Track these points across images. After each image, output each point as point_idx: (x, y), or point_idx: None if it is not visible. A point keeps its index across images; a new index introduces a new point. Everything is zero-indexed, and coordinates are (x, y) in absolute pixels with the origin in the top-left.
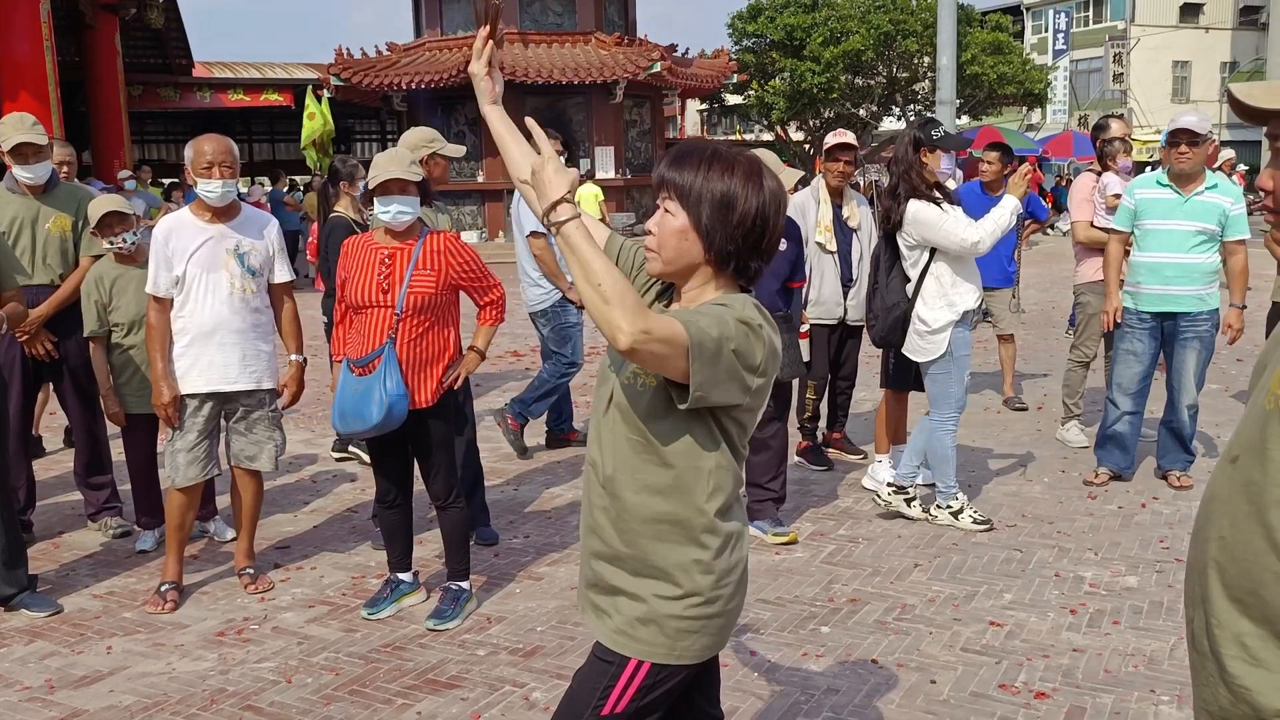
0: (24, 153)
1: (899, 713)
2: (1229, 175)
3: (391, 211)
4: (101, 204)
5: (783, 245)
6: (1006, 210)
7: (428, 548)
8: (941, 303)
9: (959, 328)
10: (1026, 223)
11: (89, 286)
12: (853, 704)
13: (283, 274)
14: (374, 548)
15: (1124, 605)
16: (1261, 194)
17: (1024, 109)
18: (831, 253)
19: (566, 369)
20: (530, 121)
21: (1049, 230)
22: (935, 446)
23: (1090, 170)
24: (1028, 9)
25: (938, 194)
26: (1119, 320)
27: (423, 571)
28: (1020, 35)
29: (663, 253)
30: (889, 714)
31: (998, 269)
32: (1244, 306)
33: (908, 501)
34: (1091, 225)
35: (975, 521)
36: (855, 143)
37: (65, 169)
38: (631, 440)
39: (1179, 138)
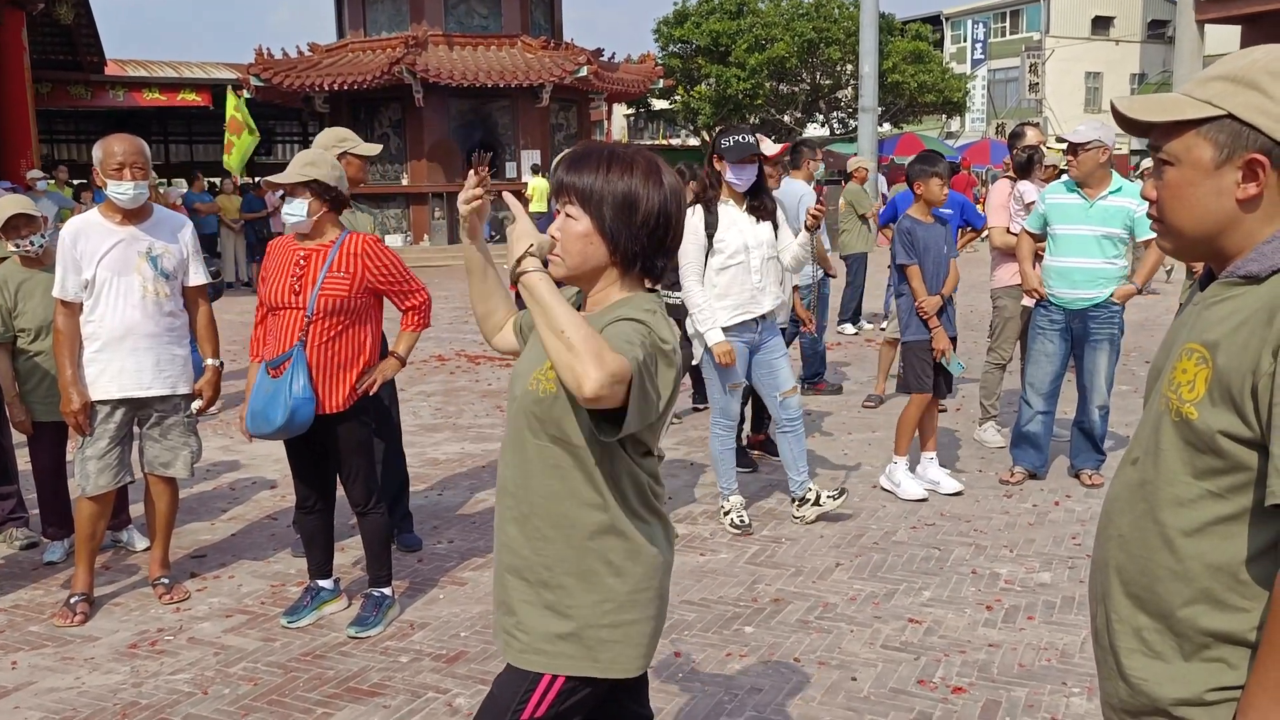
0: None
1: (821, 710)
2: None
3: (296, 217)
4: (6, 205)
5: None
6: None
7: (349, 554)
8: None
9: (732, 336)
10: (962, 230)
11: None
12: (775, 703)
13: (197, 277)
14: (294, 555)
15: (1038, 600)
16: (1148, 203)
17: (944, 117)
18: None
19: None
20: (508, 197)
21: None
22: (711, 448)
23: (1006, 177)
24: (947, 19)
25: (732, 201)
26: (1041, 295)
27: (344, 578)
28: (940, 44)
29: (568, 258)
30: (811, 712)
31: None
32: (1140, 289)
33: (817, 501)
34: (1008, 231)
35: (734, 524)
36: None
37: None
38: (538, 446)
39: (1068, 149)
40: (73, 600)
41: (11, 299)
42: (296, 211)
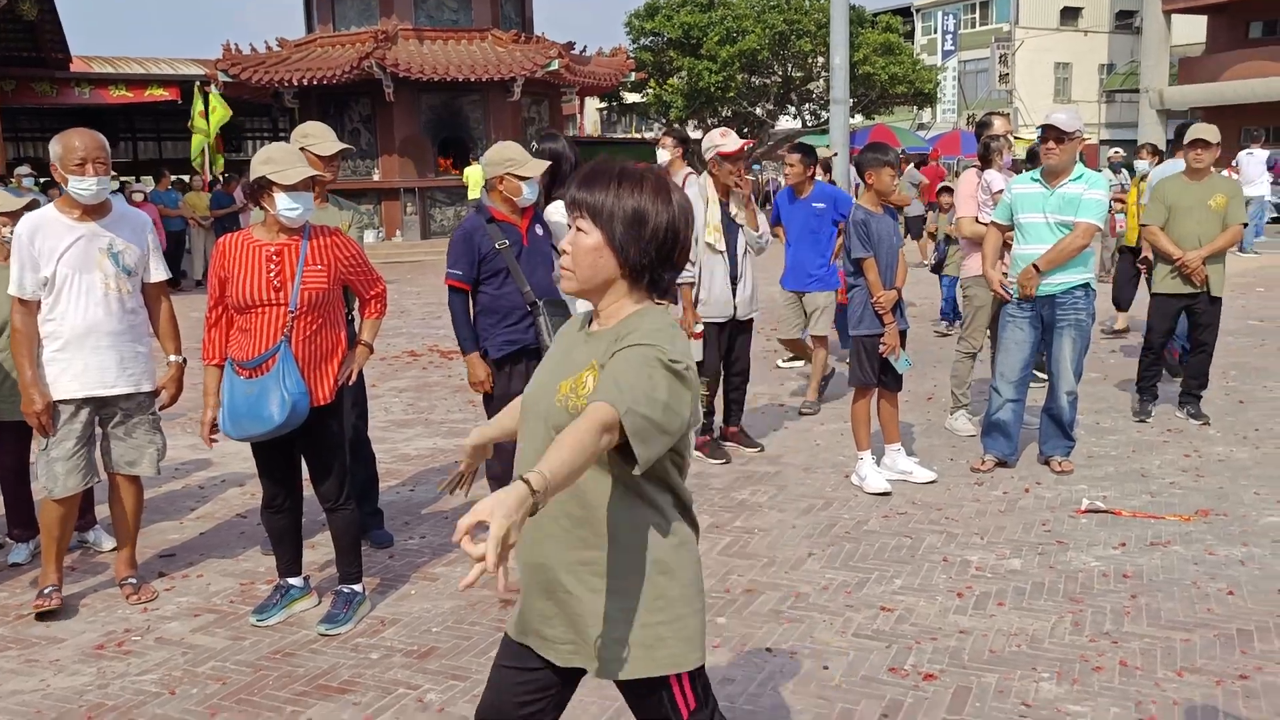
0: None
1: (793, 699)
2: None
3: (299, 210)
4: None
5: (539, 230)
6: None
7: (319, 551)
8: None
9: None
10: (837, 224)
11: None
12: (748, 692)
13: (158, 273)
14: (264, 553)
15: (1008, 587)
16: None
17: (915, 108)
18: (720, 252)
19: None
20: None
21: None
22: None
23: (974, 167)
24: (917, 10)
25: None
26: (1007, 289)
27: (314, 576)
28: (910, 36)
29: (578, 271)
30: (783, 701)
31: (800, 274)
32: (1037, 270)
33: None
34: (976, 220)
35: None
36: (739, 145)
37: None
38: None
39: (1048, 134)
40: (46, 590)
41: None
42: (307, 204)
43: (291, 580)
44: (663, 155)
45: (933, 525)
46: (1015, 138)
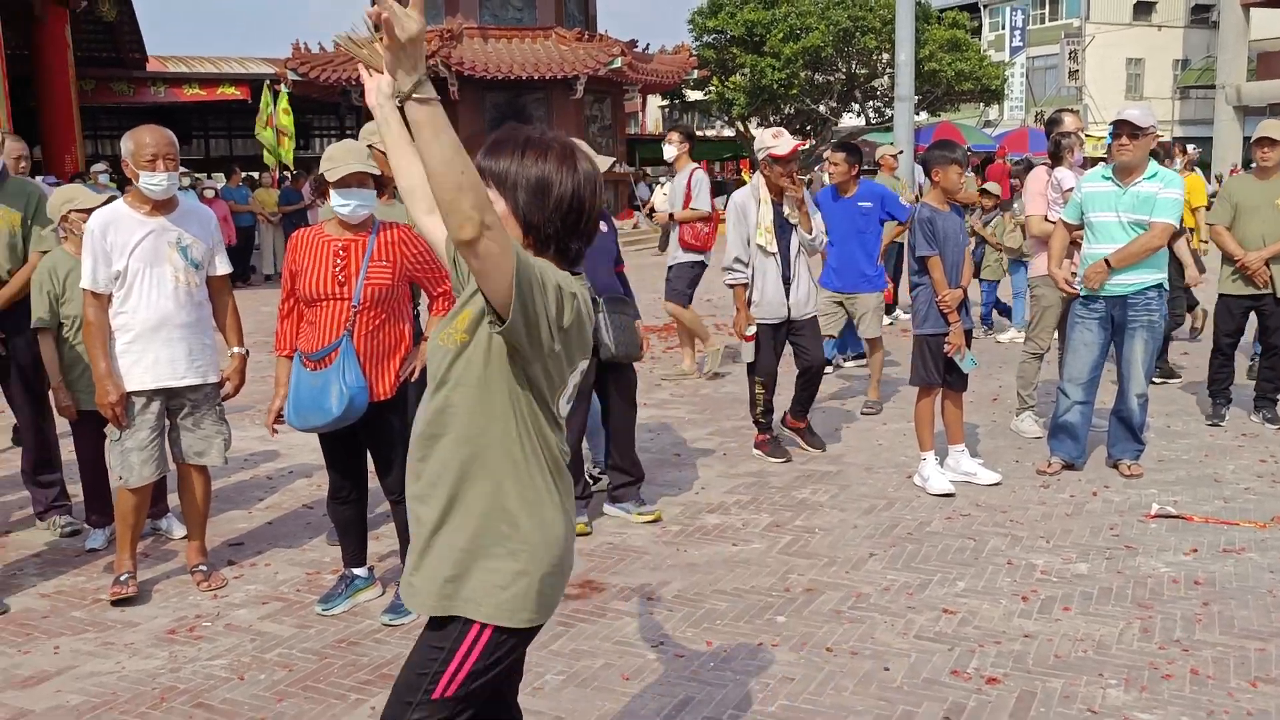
0: None
1: (853, 699)
2: (1188, 171)
3: (351, 205)
4: (73, 199)
5: (604, 228)
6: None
7: (383, 543)
8: None
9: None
10: (884, 223)
11: (41, 277)
12: (807, 692)
13: (223, 266)
14: (329, 543)
15: (1074, 591)
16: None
17: (981, 105)
18: (773, 254)
19: None
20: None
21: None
22: None
23: (1043, 164)
24: (985, 6)
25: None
26: (1072, 285)
27: (378, 566)
28: (977, 32)
29: None
30: (843, 701)
31: (851, 274)
32: (1109, 265)
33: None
34: (1045, 219)
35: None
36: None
37: (22, 164)
38: (442, 397)
39: (1120, 129)
40: (122, 577)
41: (60, 286)
42: (367, 200)
43: (356, 570)
44: (669, 151)
45: (997, 528)
46: (1086, 135)
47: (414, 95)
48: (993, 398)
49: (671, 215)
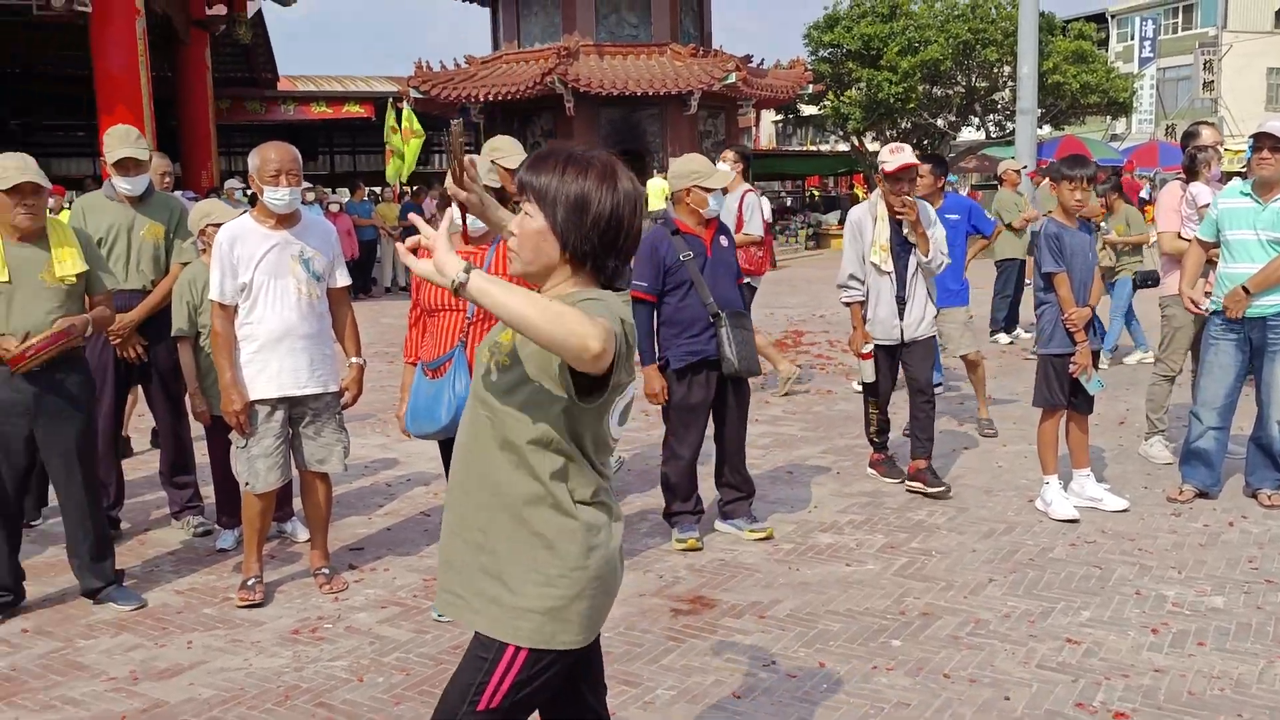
0: (126, 165)
1: None
2: None
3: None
4: (211, 213)
5: (724, 242)
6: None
7: None
8: None
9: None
10: (971, 237)
11: (181, 288)
12: (923, 718)
13: (342, 279)
14: None
15: (1209, 626)
16: None
17: (1108, 118)
18: (887, 273)
19: None
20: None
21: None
22: None
23: (1177, 179)
24: (1113, 16)
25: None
26: (1199, 305)
27: None
28: (1105, 43)
29: (522, 253)
30: None
31: (940, 289)
32: (1247, 292)
33: None
34: (1179, 236)
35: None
36: (915, 161)
37: (166, 179)
38: (485, 419)
39: (1262, 143)
40: (250, 582)
41: (198, 297)
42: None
43: None
44: (723, 169)
45: (1124, 556)
46: (1224, 149)
47: (462, 283)
48: (1119, 420)
49: None
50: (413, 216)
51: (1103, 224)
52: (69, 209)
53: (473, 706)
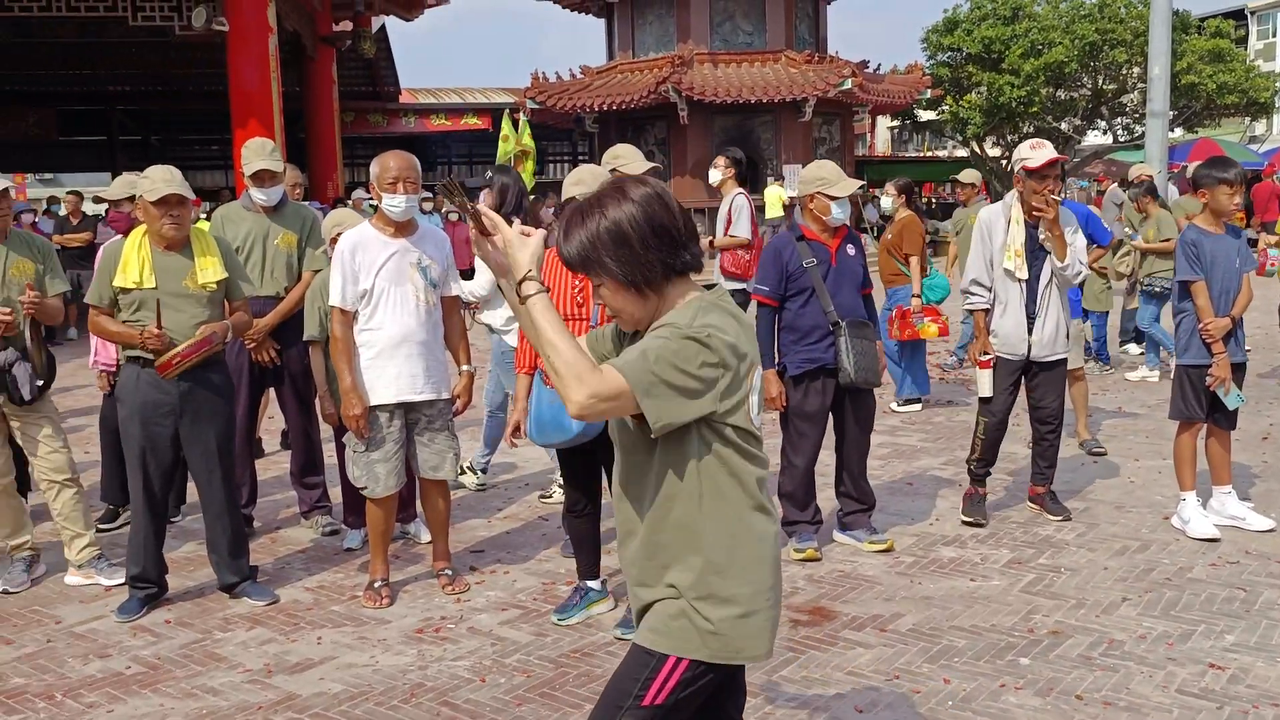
0: (262, 177)
1: None
2: None
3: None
4: (343, 222)
5: (850, 250)
6: None
7: (615, 558)
8: None
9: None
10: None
11: (313, 294)
12: None
13: (454, 288)
14: (563, 555)
15: None
16: None
17: (1247, 119)
18: (1019, 281)
19: None
20: (482, 208)
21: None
22: None
23: None
24: (1252, 13)
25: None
26: None
27: (611, 580)
28: (1244, 41)
29: (622, 315)
30: None
31: None
32: None
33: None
34: None
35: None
36: (1061, 156)
37: (297, 190)
38: (633, 452)
39: None
40: (376, 584)
41: (328, 303)
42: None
43: (590, 583)
44: (714, 175)
45: (1271, 578)
46: None
47: (521, 293)
48: (1263, 436)
49: (711, 242)
50: (482, 205)
51: (1131, 230)
52: (205, 219)
53: (638, 700)
